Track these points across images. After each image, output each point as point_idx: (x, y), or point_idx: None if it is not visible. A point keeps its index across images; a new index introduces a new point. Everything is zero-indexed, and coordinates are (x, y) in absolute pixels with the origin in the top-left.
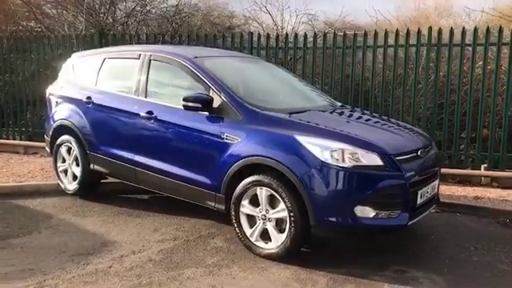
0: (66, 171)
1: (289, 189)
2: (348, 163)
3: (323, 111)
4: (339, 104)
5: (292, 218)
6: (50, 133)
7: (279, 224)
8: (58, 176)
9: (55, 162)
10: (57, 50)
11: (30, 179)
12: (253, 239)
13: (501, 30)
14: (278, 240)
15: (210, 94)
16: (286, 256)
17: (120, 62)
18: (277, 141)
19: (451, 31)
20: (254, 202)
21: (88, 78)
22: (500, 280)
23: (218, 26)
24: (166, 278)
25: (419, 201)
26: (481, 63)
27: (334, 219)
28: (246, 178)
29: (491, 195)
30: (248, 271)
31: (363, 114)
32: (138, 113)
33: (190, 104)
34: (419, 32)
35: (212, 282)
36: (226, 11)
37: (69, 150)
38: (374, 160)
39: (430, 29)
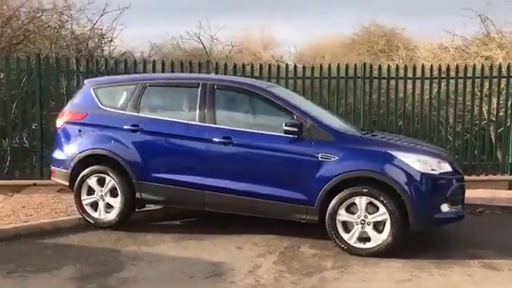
0: (93, 204)
1: (389, 195)
2: (435, 171)
3: (372, 132)
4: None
5: (393, 219)
6: (72, 164)
7: (376, 226)
8: (84, 210)
9: (79, 195)
10: None
11: (31, 218)
12: (351, 242)
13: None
14: (378, 239)
15: (296, 120)
16: (386, 252)
17: (170, 90)
18: (375, 156)
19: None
20: (348, 210)
21: (125, 105)
22: None
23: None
24: (316, 280)
25: None
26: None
27: (429, 216)
28: (339, 190)
29: None
30: (368, 267)
31: (389, 134)
32: (211, 138)
33: (291, 129)
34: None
35: (360, 278)
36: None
37: (100, 181)
38: (447, 167)
39: (345, 65)
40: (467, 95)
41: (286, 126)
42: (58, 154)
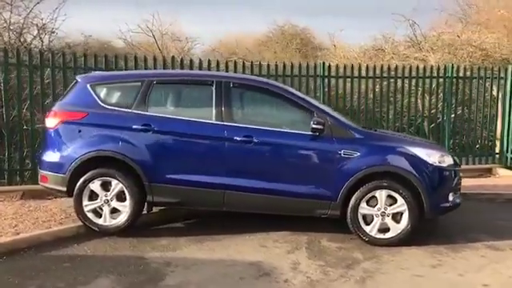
0: (95, 210)
1: (407, 187)
2: (444, 164)
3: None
4: None
5: (411, 210)
6: (72, 168)
7: (394, 217)
8: (85, 217)
9: (80, 201)
10: None
11: (21, 229)
12: (372, 233)
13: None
14: (397, 229)
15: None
16: (404, 241)
17: (180, 87)
18: (394, 152)
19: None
20: (368, 203)
21: (131, 103)
22: None
23: None
24: (362, 271)
25: None
26: None
27: (440, 204)
28: (360, 185)
29: None
30: (397, 256)
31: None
32: (231, 137)
33: (317, 127)
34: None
35: (398, 266)
36: None
37: (104, 185)
38: (450, 160)
39: (303, 64)
40: (409, 93)
41: (313, 124)
42: (51, 157)
